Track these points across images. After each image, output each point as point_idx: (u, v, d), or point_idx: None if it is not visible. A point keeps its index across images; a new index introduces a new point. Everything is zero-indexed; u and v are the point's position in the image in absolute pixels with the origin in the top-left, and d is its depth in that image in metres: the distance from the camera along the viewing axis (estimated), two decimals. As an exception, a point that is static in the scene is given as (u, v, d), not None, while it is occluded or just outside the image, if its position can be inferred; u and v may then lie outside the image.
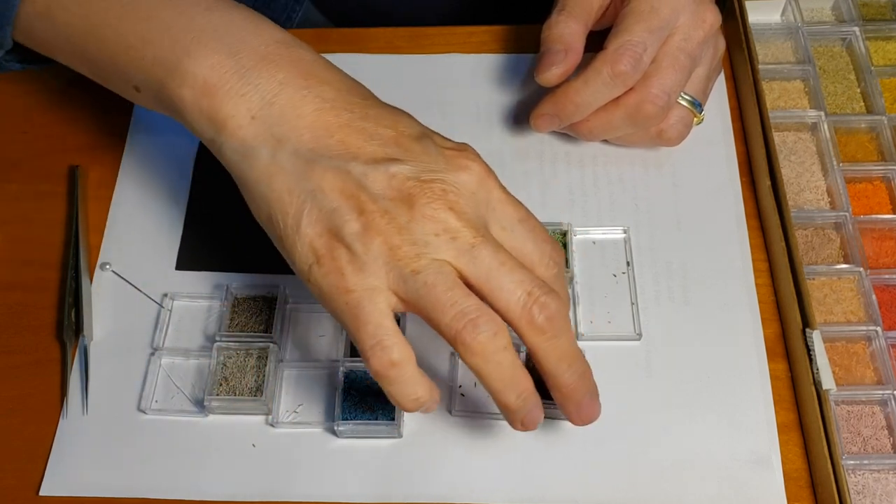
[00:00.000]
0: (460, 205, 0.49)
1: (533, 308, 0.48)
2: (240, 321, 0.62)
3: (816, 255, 0.66)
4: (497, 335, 0.48)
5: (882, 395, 0.60)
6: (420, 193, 0.48)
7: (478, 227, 0.49)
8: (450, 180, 0.49)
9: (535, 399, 0.50)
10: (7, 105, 0.74)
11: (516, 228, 0.52)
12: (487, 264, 0.48)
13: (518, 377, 0.50)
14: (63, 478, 0.59)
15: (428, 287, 0.47)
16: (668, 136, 0.66)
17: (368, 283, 0.48)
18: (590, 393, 0.52)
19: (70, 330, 0.63)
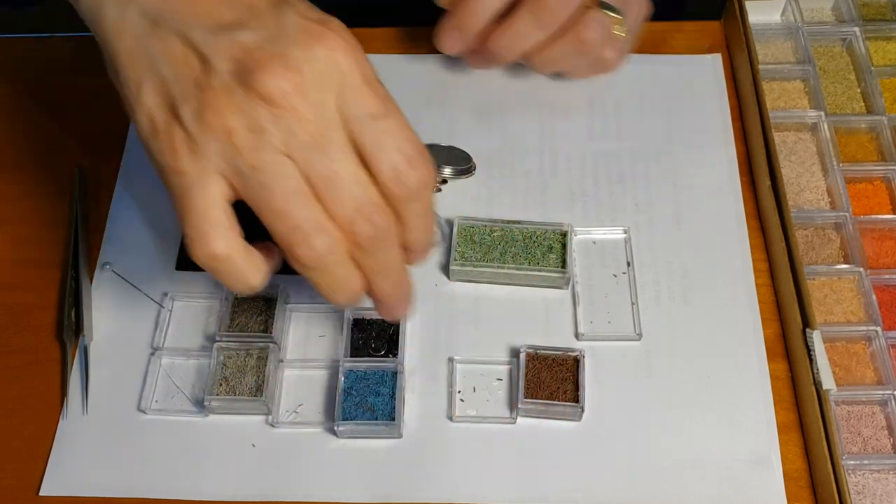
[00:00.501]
0: (305, 86, 0.43)
1: (356, 225, 0.45)
2: (240, 321, 0.62)
3: (816, 255, 0.66)
4: (330, 251, 0.46)
5: (882, 395, 0.60)
6: (260, 68, 0.43)
7: (322, 116, 0.44)
8: (298, 55, 0.43)
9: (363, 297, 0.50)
10: (7, 105, 0.74)
11: (367, 125, 0.45)
12: (323, 169, 0.44)
13: (349, 282, 0.48)
14: (63, 478, 0.59)
15: (265, 190, 0.44)
16: (584, 37, 0.64)
17: (201, 167, 0.44)
18: (403, 298, 0.52)
19: (70, 330, 0.63)
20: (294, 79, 0.43)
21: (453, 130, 0.72)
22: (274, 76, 0.43)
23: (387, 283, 0.50)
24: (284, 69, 0.43)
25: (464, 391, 0.61)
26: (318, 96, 0.44)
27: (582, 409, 0.59)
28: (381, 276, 0.49)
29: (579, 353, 0.60)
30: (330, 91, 0.44)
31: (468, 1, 0.63)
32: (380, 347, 0.62)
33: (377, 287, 0.50)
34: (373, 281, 0.49)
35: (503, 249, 0.64)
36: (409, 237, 0.49)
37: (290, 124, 0.44)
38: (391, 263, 0.49)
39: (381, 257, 0.48)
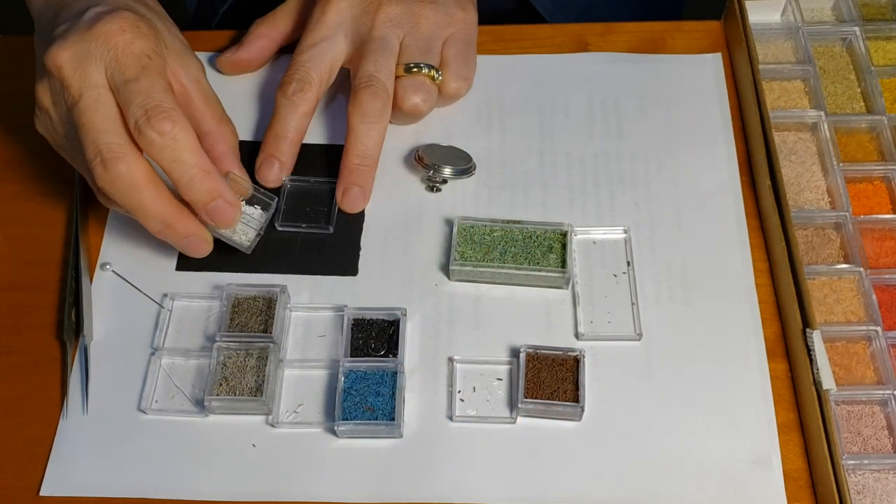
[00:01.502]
0: (72, 60, 0.58)
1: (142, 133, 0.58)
2: (240, 321, 0.62)
3: (816, 255, 0.66)
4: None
5: (882, 395, 0.60)
6: (47, 53, 0.59)
7: (84, 82, 0.58)
8: (74, 38, 0.59)
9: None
10: (7, 105, 0.74)
11: (122, 87, 0.58)
12: (78, 123, 0.58)
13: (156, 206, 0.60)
14: (63, 478, 0.59)
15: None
16: (409, 106, 0.68)
17: None
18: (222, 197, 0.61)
19: (70, 330, 0.63)
20: (62, 55, 0.58)
21: (453, 130, 0.72)
22: (49, 56, 0.59)
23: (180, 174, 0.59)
24: (58, 49, 0.58)
25: (464, 391, 0.61)
26: (84, 67, 0.58)
27: (582, 409, 0.59)
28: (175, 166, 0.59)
29: (579, 353, 0.60)
30: (96, 63, 0.58)
31: (271, 127, 0.68)
32: (380, 347, 0.62)
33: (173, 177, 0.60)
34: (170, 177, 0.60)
35: (503, 249, 0.64)
36: (178, 187, 0.59)
37: (59, 89, 0.59)
38: (135, 204, 0.59)
39: (122, 199, 0.59)
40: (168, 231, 0.61)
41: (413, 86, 0.67)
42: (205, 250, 0.63)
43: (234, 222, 0.62)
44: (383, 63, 0.67)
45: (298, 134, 0.68)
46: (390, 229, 0.67)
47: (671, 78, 0.74)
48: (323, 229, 0.67)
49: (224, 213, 0.61)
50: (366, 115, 0.66)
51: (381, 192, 0.69)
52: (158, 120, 0.57)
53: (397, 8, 0.68)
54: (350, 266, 0.66)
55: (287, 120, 0.67)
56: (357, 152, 0.67)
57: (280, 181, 0.67)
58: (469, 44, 0.71)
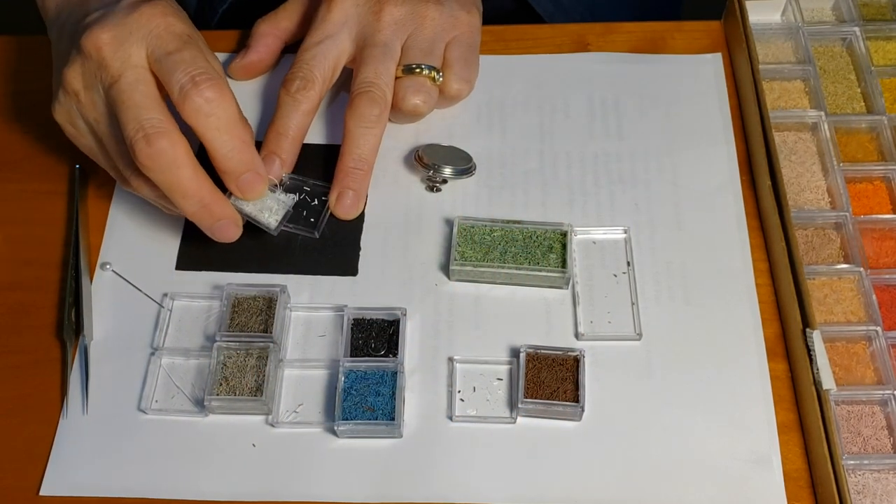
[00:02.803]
0: (112, 42, 0.59)
1: (134, 146, 0.58)
2: (240, 321, 0.62)
3: (817, 255, 0.66)
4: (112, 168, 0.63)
5: (882, 395, 0.60)
6: (81, 35, 0.60)
7: (124, 62, 0.59)
8: (113, 21, 0.60)
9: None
10: (7, 105, 0.74)
11: (164, 59, 0.59)
12: (115, 101, 0.59)
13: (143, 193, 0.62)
14: (63, 478, 0.59)
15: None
16: (408, 107, 0.68)
17: None
18: (207, 222, 0.61)
19: (70, 330, 0.63)
20: (103, 36, 0.59)
21: (453, 130, 0.72)
22: (88, 38, 0.59)
23: (179, 203, 0.60)
24: (99, 31, 0.59)
25: (464, 391, 0.61)
26: (126, 48, 0.59)
27: (582, 409, 0.59)
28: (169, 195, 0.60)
29: (579, 353, 0.60)
30: (138, 43, 0.59)
31: (274, 124, 0.67)
32: (380, 347, 0.62)
33: (179, 210, 0.61)
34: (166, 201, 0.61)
35: (503, 249, 0.64)
36: (216, 156, 0.60)
37: (96, 70, 0.59)
38: (174, 182, 0.59)
39: (162, 176, 0.58)
40: (203, 212, 0.61)
41: (413, 86, 0.67)
42: (234, 234, 0.62)
43: (261, 195, 0.62)
44: (383, 70, 0.67)
45: (300, 131, 0.67)
46: (390, 229, 0.67)
47: (671, 78, 0.74)
48: (308, 233, 0.67)
49: (254, 185, 0.61)
50: (363, 119, 0.66)
51: (381, 192, 0.69)
52: (207, 86, 0.58)
53: (402, 9, 0.68)
54: (350, 266, 0.66)
55: (289, 117, 0.67)
56: (353, 156, 0.67)
57: (280, 177, 0.67)
58: (472, 47, 0.71)
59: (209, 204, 0.60)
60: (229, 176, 0.61)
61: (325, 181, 0.68)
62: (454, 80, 0.69)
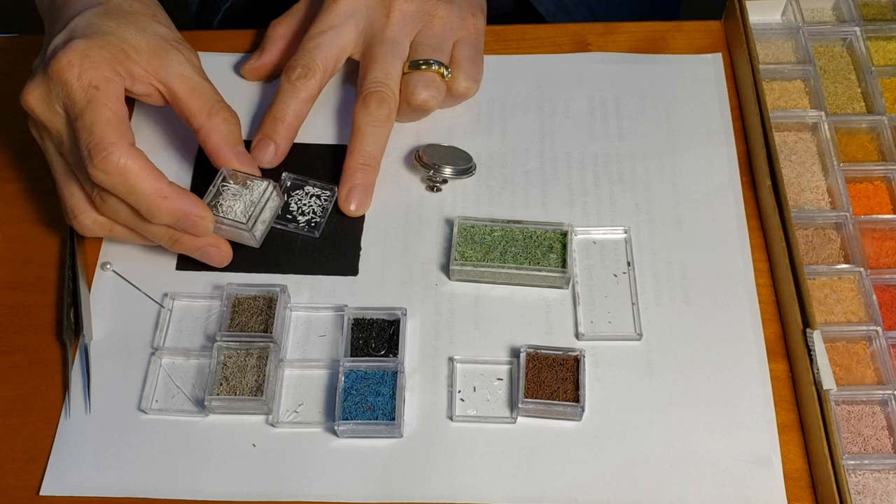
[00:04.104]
0: (37, 97, 0.61)
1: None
2: (240, 321, 0.62)
3: (817, 255, 0.66)
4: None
5: (882, 395, 0.60)
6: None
7: (46, 114, 0.62)
8: (38, 78, 0.62)
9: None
10: (7, 105, 0.74)
11: (73, 124, 0.60)
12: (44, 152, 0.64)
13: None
14: (63, 478, 0.59)
15: None
16: (416, 102, 0.67)
17: None
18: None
19: (70, 330, 0.63)
20: (31, 98, 0.61)
21: (454, 130, 0.72)
22: (23, 97, 0.62)
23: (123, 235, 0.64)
24: (28, 92, 0.61)
25: (464, 391, 0.61)
26: (51, 107, 0.61)
27: (582, 409, 0.59)
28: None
29: (579, 353, 0.60)
30: (57, 101, 0.60)
31: (271, 110, 0.68)
32: (380, 347, 0.62)
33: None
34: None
35: (503, 249, 0.64)
36: (144, 216, 0.61)
37: (41, 126, 0.62)
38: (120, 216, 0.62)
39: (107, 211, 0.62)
40: (178, 245, 0.63)
41: (423, 82, 0.67)
42: (223, 257, 0.64)
43: (207, 231, 0.62)
44: (392, 70, 0.67)
45: (297, 119, 0.68)
46: (390, 229, 0.67)
47: (671, 78, 0.74)
48: (308, 233, 0.67)
49: (195, 225, 0.61)
50: (372, 118, 0.66)
51: (381, 192, 0.69)
52: (101, 159, 0.58)
53: (412, 5, 0.69)
54: (350, 266, 0.66)
55: (287, 104, 0.67)
56: (363, 153, 0.67)
57: (273, 163, 0.67)
58: (478, 49, 0.71)
59: (179, 238, 0.62)
60: (173, 226, 0.61)
61: (325, 181, 0.68)
62: (462, 78, 0.69)
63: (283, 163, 0.68)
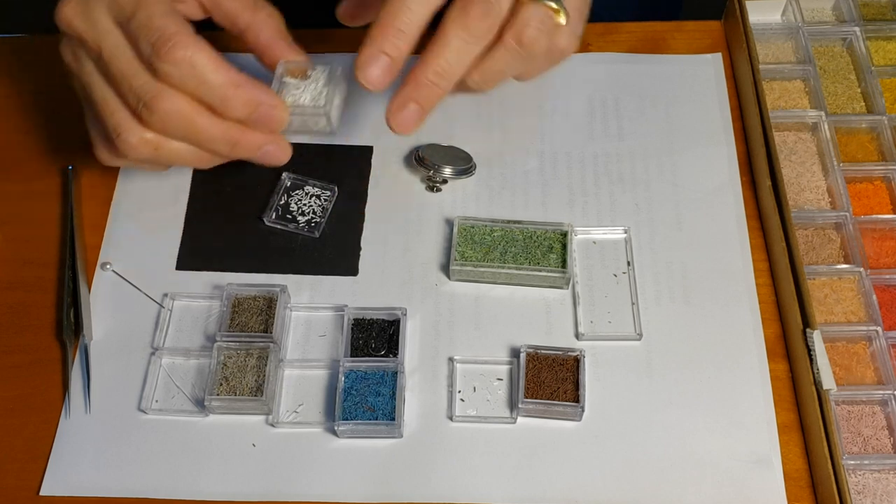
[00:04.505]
0: (78, 12, 0.58)
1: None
2: (240, 321, 0.62)
3: (817, 255, 0.66)
4: None
5: (882, 395, 0.60)
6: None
7: (96, 28, 0.57)
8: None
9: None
10: (7, 105, 0.74)
11: (130, 25, 0.57)
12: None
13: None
14: (63, 478, 0.59)
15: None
16: (527, 39, 0.56)
17: None
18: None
19: (69, 330, 0.63)
20: (66, 10, 0.57)
21: (453, 130, 0.72)
22: (57, 16, 0.57)
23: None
24: (62, 5, 0.57)
25: (464, 391, 0.61)
26: (91, 15, 0.57)
27: (582, 409, 0.59)
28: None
29: (579, 353, 0.60)
30: (100, 8, 0.57)
31: (388, 17, 0.55)
32: (380, 347, 0.62)
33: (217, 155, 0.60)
34: None
35: (503, 249, 0.64)
36: (217, 111, 0.57)
37: (78, 44, 0.58)
38: (195, 133, 0.58)
39: (182, 133, 0.57)
40: (237, 149, 0.59)
41: (539, 17, 0.56)
42: (285, 156, 0.60)
43: (283, 123, 0.58)
44: None
45: (419, 31, 0.56)
46: (390, 229, 0.67)
47: (671, 78, 0.74)
48: (308, 233, 0.67)
49: (270, 118, 0.58)
50: (469, 30, 0.55)
51: (381, 192, 0.69)
52: (167, 50, 0.54)
53: None
54: (350, 266, 0.66)
55: (413, 10, 0.55)
56: (438, 67, 0.55)
57: (384, 84, 0.56)
58: (588, 2, 0.62)
59: (239, 139, 0.58)
60: (244, 122, 0.57)
61: (325, 181, 0.68)
62: (567, 34, 0.59)
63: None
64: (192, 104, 0.56)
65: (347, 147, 0.71)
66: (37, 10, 0.77)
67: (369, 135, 0.71)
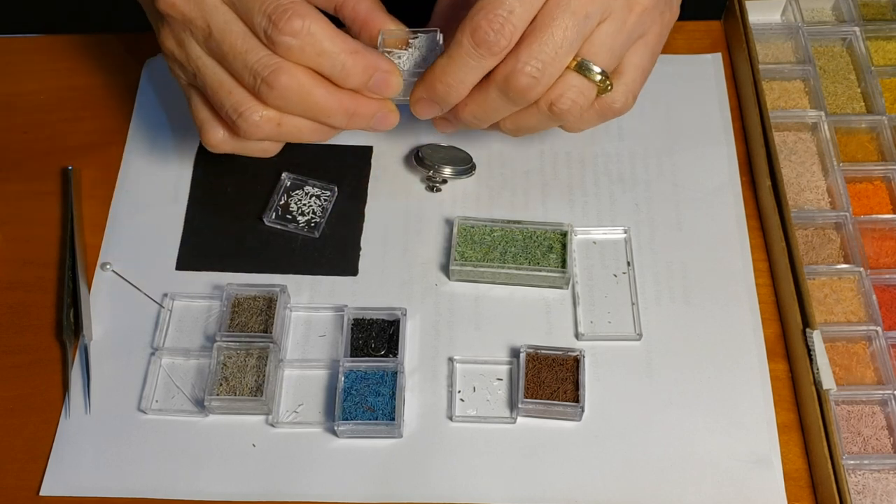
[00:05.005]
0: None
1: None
2: (240, 321, 0.62)
3: (817, 255, 0.66)
4: None
5: (882, 395, 0.60)
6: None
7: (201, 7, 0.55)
8: None
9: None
10: (7, 105, 0.74)
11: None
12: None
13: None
14: (63, 478, 0.59)
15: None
16: (560, 108, 0.55)
17: None
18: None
19: (69, 330, 0.63)
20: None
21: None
22: (159, 3, 0.55)
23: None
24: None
25: (464, 391, 0.61)
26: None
27: (582, 409, 0.59)
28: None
29: (579, 353, 0.60)
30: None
31: (440, 74, 0.55)
32: (380, 347, 0.62)
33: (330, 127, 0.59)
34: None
35: (503, 249, 0.64)
36: (334, 81, 0.56)
37: (183, 26, 0.56)
38: (313, 108, 0.56)
39: (299, 108, 0.56)
40: (354, 119, 0.58)
41: (579, 89, 0.55)
42: (395, 120, 0.59)
43: (398, 88, 0.57)
44: (561, 57, 0.53)
45: (466, 91, 0.56)
46: (390, 229, 0.67)
47: (671, 78, 0.74)
48: (308, 233, 0.67)
49: (386, 83, 0.56)
50: (510, 100, 0.55)
51: (381, 192, 0.69)
52: (285, 21, 0.53)
53: None
54: (350, 266, 0.66)
55: (465, 72, 0.54)
56: (472, 116, 0.58)
57: (428, 116, 0.58)
58: (657, 53, 0.60)
59: (355, 109, 0.57)
60: (358, 89, 0.56)
61: (325, 181, 0.68)
62: (622, 91, 0.57)
63: (282, 163, 0.68)
64: (311, 76, 0.55)
65: (347, 147, 0.71)
66: (37, 10, 0.78)
67: (369, 135, 0.71)
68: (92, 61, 0.75)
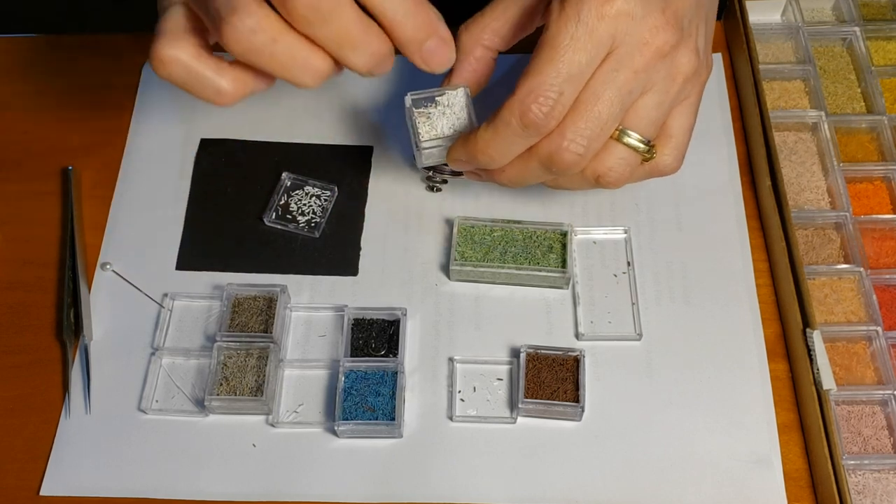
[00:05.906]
0: None
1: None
2: (240, 321, 0.62)
3: (817, 255, 0.66)
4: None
5: (882, 395, 0.60)
6: None
7: None
8: None
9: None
10: (7, 105, 0.74)
11: None
12: None
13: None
14: (63, 478, 0.59)
15: None
16: (606, 180, 0.56)
17: None
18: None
19: (69, 330, 0.63)
20: None
21: (453, 130, 0.72)
22: None
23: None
24: None
25: (464, 391, 0.61)
26: None
27: (582, 409, 0.59)
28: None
29: (579, 353, 0.60)
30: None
31: (483, 146, 0.54)
32: (380, 347, 0.62)
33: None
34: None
35: (503, 249, 0.64)
36: (386, 24, 0.49)
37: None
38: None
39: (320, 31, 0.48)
40: (376, 62, 0.50)
41: (625, 160, 0.55)
42: (451, 52, 0.53)
43: (450, 63, 0.53)
44: (605, 131, 0.53)
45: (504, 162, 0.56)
46: (390, 229, 0.67)
47: (671, 78, 0.74)
48: (308, 233, 0.67)
49: (440, 54, 0.52)
50: (552, 172, 0.55)
51: (381, 192, 0.69)
52: None
53: (668, 39, 0.52)
54: (350, 266, 0.66)
55: (509, 147, 0.54)
56: (505, 179, 0.57)
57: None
58: (698, 109, 0.58)
59: (382, 52, 0.50)
60: (408, 46, 0.50)
61: (325, 181, 0.68)
62: (669, 153, 0.57)
63: (283, 163, 0.68)
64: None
65: (347, 147, 0.71)
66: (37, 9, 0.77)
67: (369, 135, 0.71)
68: (92, 61, 0.75)
